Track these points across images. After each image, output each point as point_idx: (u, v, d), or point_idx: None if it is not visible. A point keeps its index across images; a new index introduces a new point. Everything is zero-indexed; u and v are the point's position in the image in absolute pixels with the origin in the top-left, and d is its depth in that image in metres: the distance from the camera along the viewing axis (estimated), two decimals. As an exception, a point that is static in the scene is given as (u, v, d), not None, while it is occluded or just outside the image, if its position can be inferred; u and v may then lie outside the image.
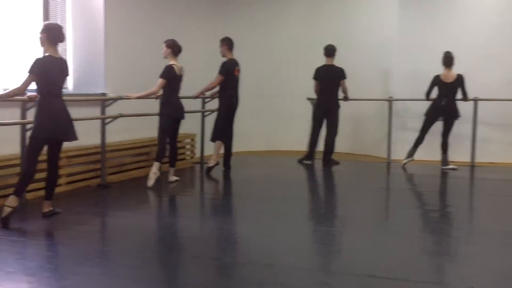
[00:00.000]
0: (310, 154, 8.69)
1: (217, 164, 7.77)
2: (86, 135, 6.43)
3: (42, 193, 5.10)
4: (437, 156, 8.25)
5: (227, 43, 7.75)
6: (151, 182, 6.61)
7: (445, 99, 7.99)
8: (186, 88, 7.25)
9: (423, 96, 8.21)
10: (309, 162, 8.69)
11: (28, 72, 4.79)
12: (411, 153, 8.28)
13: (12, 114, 5.45)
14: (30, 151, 4.91)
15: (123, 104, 6.76)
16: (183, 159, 8.46)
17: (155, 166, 6.71)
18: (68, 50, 7.28)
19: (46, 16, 6.79)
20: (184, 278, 3.77)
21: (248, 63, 9.20)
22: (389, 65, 9.24)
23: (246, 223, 5.19)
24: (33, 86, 4.89)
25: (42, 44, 4.94)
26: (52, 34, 4.89)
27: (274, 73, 10.13)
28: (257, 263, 3.93)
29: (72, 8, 7.28)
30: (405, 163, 8.29)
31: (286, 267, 3.86)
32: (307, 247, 4.52)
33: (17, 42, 6.50)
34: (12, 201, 4.79)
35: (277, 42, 10.12)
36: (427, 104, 8.22)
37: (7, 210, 4.76)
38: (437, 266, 4.06)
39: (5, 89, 6.01)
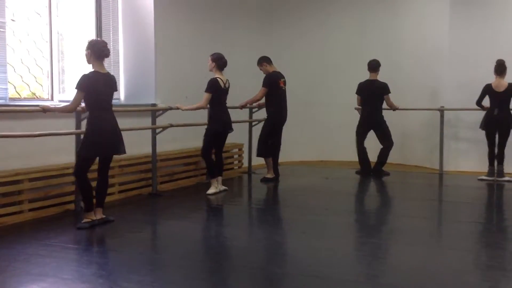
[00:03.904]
0: (366, 167, 8.54)
1: (273, 177, 7.81)
2: (138, 144, 6.61)
3: (94, 201, 5.24)
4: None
5: (264, 60, 7.75)
6: (210, 191, 6.81)
7: (497, 109, 7.75)
8: (235, 98, 7.32)
9: (475, 105, 8.01)
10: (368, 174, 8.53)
11: (76, 88, 4.94)
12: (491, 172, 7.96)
13: (67, 124, 5.65)
14: (77, 170, 5.08)
15: (173, 114, 6.88)
16: (231, 168, 8.53)
17: (214, 183, 6.85)
18: (120, 62, 7.50)
19: (99, 29, 7.01)
20: (233, 287, 3.78)
21: (296, 72, 9.25)
22: (440, 74, 9.05)
23: (295, 234, 5.17)
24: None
25: (88, 60, 5.08)
26: (96, 50, 5.01)
27: (323, 81, 10.10)
28: (305, 274, 3.90)
29: (123, 21, 7.50)
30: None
31: (335, 279, 3.82)
32: (356, 260, 4.45)
33: (72, 58, 6.74)
34: (87, 215, 5.10)
35: (326, 50, 10.10)
36: (480, 113, 8.00)
37: (85, 220, 5.10)
38: (492, 281, 3.91)
39: (61, 101, 6.26)
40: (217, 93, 6.67)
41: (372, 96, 8.34)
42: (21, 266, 4.00)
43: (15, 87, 6.23)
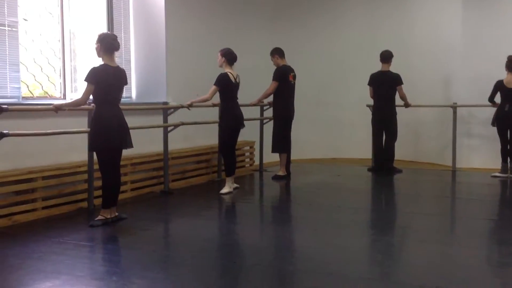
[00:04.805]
0: (379, 164, 8.47)
1: (285, 175, 7.80)
2: (149, 143, 6.64)
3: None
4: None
5: (277, 52, 7.76)
6: (224, 190, 6.73)
7: (508, 105, 7.68)
8: (245, 96, 7.32)
9: (488, 102, 7.95)
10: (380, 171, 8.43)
11: (86, 81, 4.92)
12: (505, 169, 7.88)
13: (80, 122, 5.68)
14: (100, 163, 5.12)
15: (184, 113, 6.89)
16: (243, 166, 8.53)
17: (229, 182, 6.78)
18: (131, 61, 7.53)
19: (110, 28, 7.04)
20: (245, 285, 3.79)
21: (306, 71, 9.21)
22: (453, 70, 8.98)
23: (307, 231, 5.16)
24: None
25: (98, 54, 5.08)
26: (106, 43, 5.01)
27: (334, 79, 10.06)
28: (318, 272, 3.90)
29: (135, 19, 7.52)
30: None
31: (347, 277, 3.81)
32: (368, 257, 4.44)
33: (84, 57, 6.77)
34: (103, 212, 5.12)
35: (338, 48, 10.05)
36: (493, 110, 7.94)
37: (98, 217, 5.11)
38: (504, 277, 3.89)
39: (71, 99, 6.30)
40: (227, 88, 6.63)
41: (384, 87, 8.28)
42: (35, 264, 4.03)
43: (27, 86, 6.28)
